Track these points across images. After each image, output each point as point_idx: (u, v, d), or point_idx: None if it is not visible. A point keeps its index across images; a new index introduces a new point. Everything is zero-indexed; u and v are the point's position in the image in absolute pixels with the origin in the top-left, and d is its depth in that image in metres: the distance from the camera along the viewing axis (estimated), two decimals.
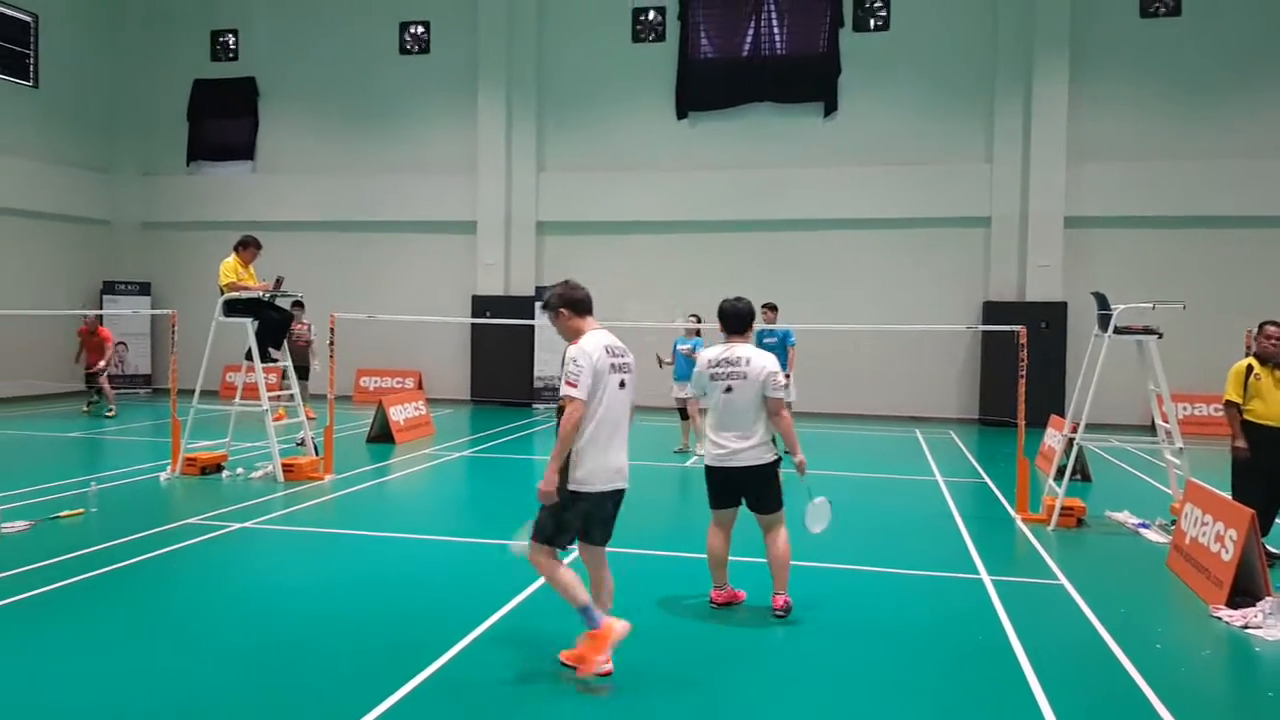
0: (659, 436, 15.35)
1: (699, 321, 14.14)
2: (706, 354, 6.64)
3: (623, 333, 6.33)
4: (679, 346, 14.14)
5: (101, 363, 18.24)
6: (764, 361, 6.50)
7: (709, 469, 6.61)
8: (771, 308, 14.54)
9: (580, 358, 5.37)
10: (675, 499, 11.61)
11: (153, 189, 24.00)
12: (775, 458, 6.53)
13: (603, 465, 5.43)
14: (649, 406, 16.91)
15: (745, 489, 6.54)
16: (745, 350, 6.54)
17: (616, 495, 5.57)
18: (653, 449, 14.38)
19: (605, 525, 5.59)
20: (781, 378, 6.61)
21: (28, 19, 21.70)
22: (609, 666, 5.30)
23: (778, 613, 6.54)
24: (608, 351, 5.51)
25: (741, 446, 6.40)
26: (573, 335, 5.64)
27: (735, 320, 6.71)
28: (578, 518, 5.45)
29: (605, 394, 5.43)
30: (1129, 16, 19.06)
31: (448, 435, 16.20)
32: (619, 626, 5.32)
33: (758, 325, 14.71)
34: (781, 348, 14.21)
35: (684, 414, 14.25)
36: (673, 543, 8.85)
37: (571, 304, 5.72)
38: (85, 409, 18.66)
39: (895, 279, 20.05)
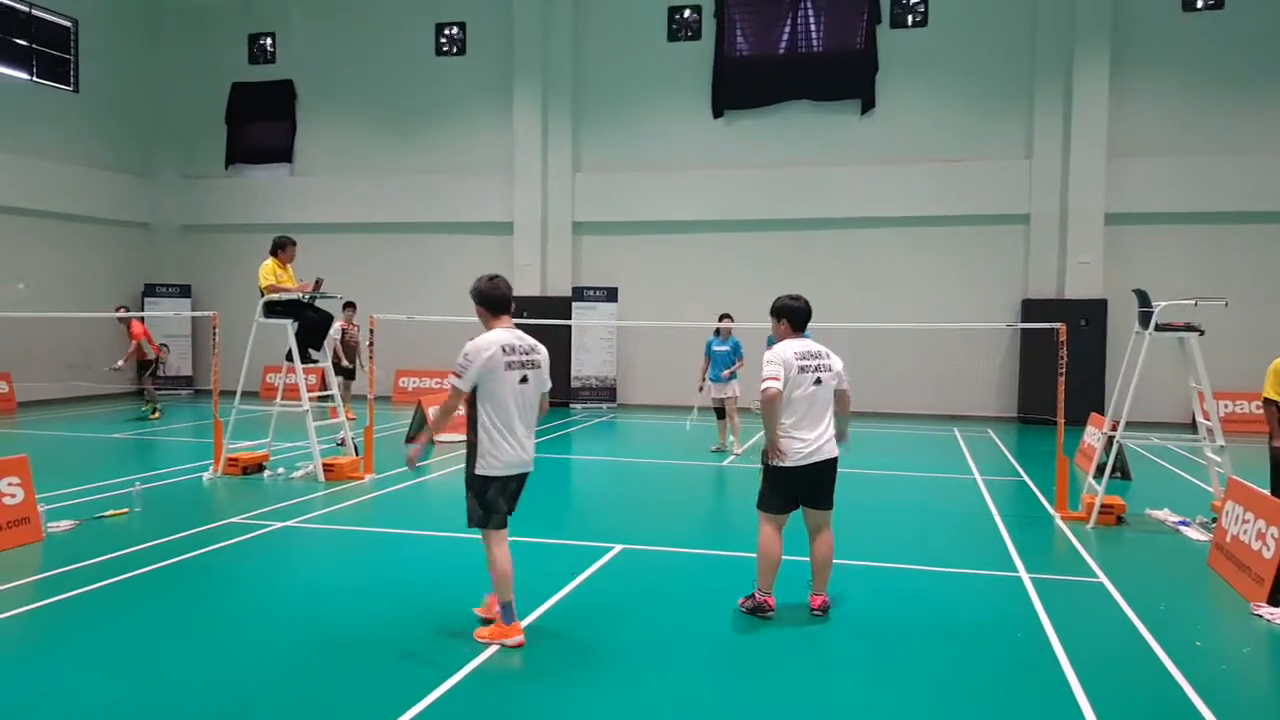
0: (699, 436, 15.37)
1: (732, 321, 14.14)
2: (791, 348, 6.54)
3: (660, 333, 6.39)
4: (715, 348, 14.13)
5: (121, 362, 18.28)
6: (837, 356, 6.77)
7: (791, 470, 6.39)
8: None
9: (471, 353, 5.90)
10: (713, 497, 11.64)
11: (192, 192, 24.32)
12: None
13: (503, 452, 5.89)
14: (675, 406, 17.00)
15: (822, 483, 6.54)
16: (819, 345, 6.72)
17: (520, 478, 6.09)
18: (691, 449, 14.42)
19: (510, 502, 6.09)
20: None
21: (67, 24, 22.07)
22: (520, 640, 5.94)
23: (816, 612, 6.56)
24: (504, 350, 5.92)
25: (825, 439, 6.48)
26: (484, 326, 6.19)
27: (805, 317, 6.86)
28: (497, 496, 5.94)
29: (497, 388, 5.87)
30: (1171, 9, 18.82)
31: None
32: (519, 636, 5.96)
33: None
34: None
35: (720, 413, 14.26)
36: (713, 541, 8.87)
37: (486, 302, 6.21)
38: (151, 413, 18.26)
39: (934, 277, 19.94)
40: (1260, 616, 6.60)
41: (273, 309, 11.87)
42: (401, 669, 5.63)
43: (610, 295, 21.13)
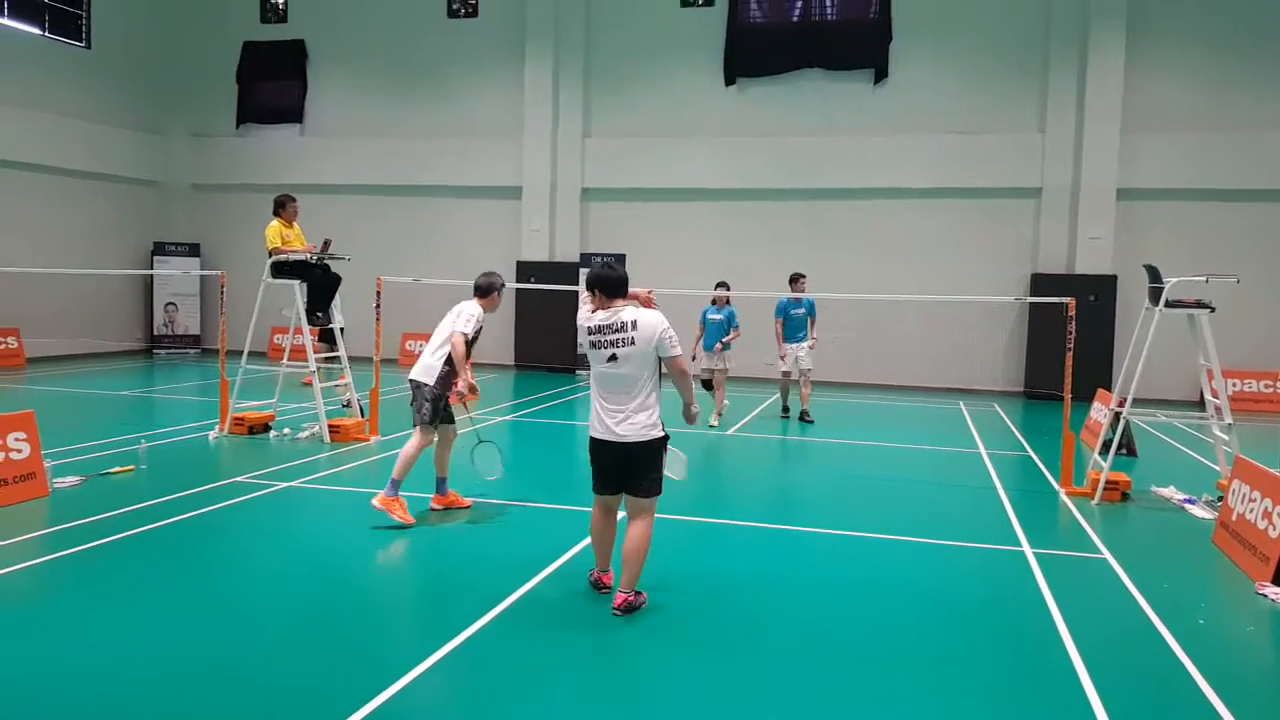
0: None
1: (727, 290, 14.10)
2: (585, 318, 6.02)
3: (665, 300, 6.35)
4: (709, 316, 14.10)
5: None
6: (655, 317, 5.97)
7: (592, 442, 6.06)
8: (802, 276, 14.52)
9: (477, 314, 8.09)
10: (704, 467, 11.66)
11: (202, 150, 24.25)
12: None
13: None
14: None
15: (621, 467, 5.99)
16: (631, 313, 5.97)
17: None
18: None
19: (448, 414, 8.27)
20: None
21: None
22: (410, 519, 7.80)
23: (616, 610, 5.92)
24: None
25: (625, 420, 5.91)
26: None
27: (609, 284, 6.04)
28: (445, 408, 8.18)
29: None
30: None
31: (491, 400, 16.31)
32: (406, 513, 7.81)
33: (785, 294, 14.72)
34: (805, 318, 14.66)
35: (709, 385, 14.16)
36: (702, 509, 8.90)
37: (479, 290, 8.31)
38: None
39: (943, 249, 19.83)
40: (1265, 595, 6.60)
41: (280, 269, 11.88)
42: (404, 628, 5.66)
43: (619, 261, 20.92)
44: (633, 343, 5.84)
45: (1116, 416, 10.24)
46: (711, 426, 13.73)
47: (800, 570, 6.94)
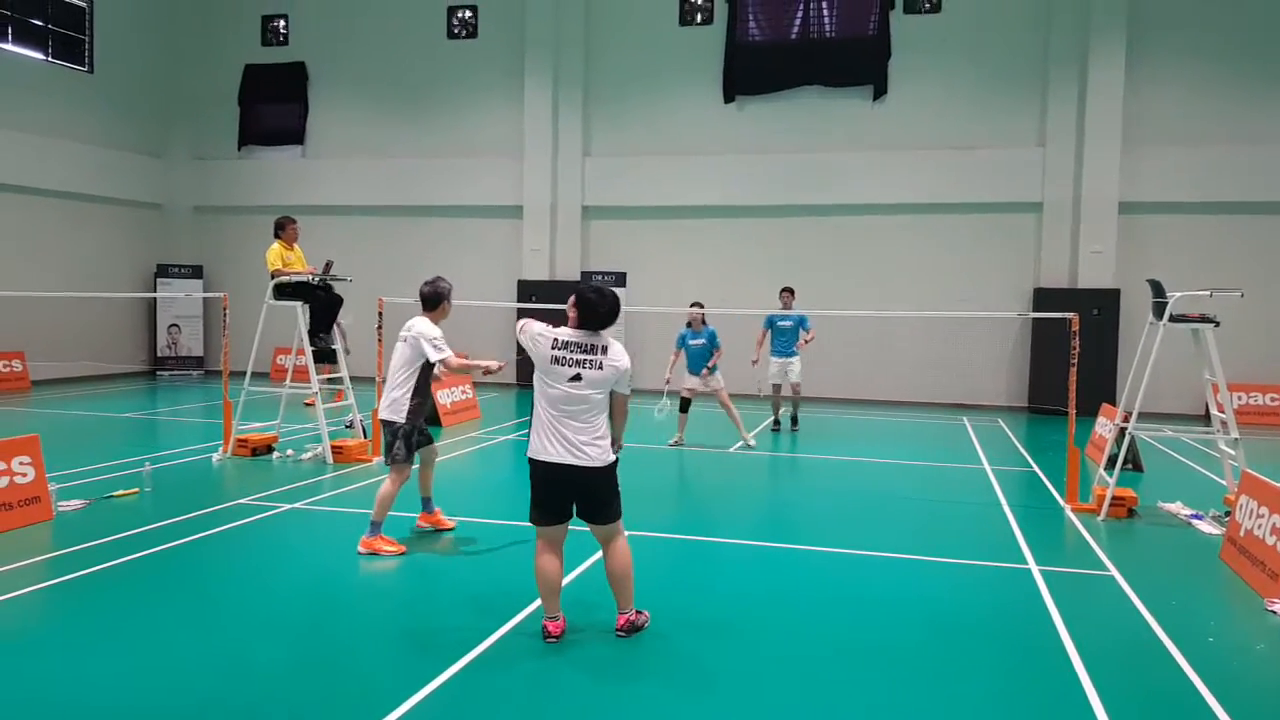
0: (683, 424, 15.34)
1: (702, 309, 13.69)
2: (552, 331, 5.78)
3: (665, 318, 6.34)
4: (689, 341, 13.71)
5: None
6: (622, 354, 5.82)
7: (535, 466, 5.84)
8: (789, 291, 14.51)
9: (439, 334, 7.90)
10: (697, 484, 11.61)
11: (204, 173, 24.32)
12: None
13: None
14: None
15: (577, 494, 5.83)
16: (605, 339, 5.81)
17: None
18: (675, 432, 14.39)
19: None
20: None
21: (82, 4, 22.03)
22: (401, 548, 7.75)
23: (619, 632, 5.91)
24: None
25: (581, 443, 5.71)
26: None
27: (595, 314, 5.75)
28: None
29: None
30: None
31: (493, 419, 16.31)
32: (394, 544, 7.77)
33: (776, 309, 14.71)
34: (796, 332, 14.63)
35: (685, 406, 13.93)
36: (701, 527, 8.86)
37: (426, 302, 8.19)
38: None
39: (945, 265, 19.83)
40: (1274, 612, 6.56)
41: (283, 291, 11.89)
42: (409, 651, 5.63)
43: (619, 280, 21.09)
44: (600, 368, 5.65)
45: (1122, 431, 10.21)
46: (750, 447, 13.61)
47: (803, 588, 6.91)
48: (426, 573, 7.37)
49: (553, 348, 5.70)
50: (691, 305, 13.87)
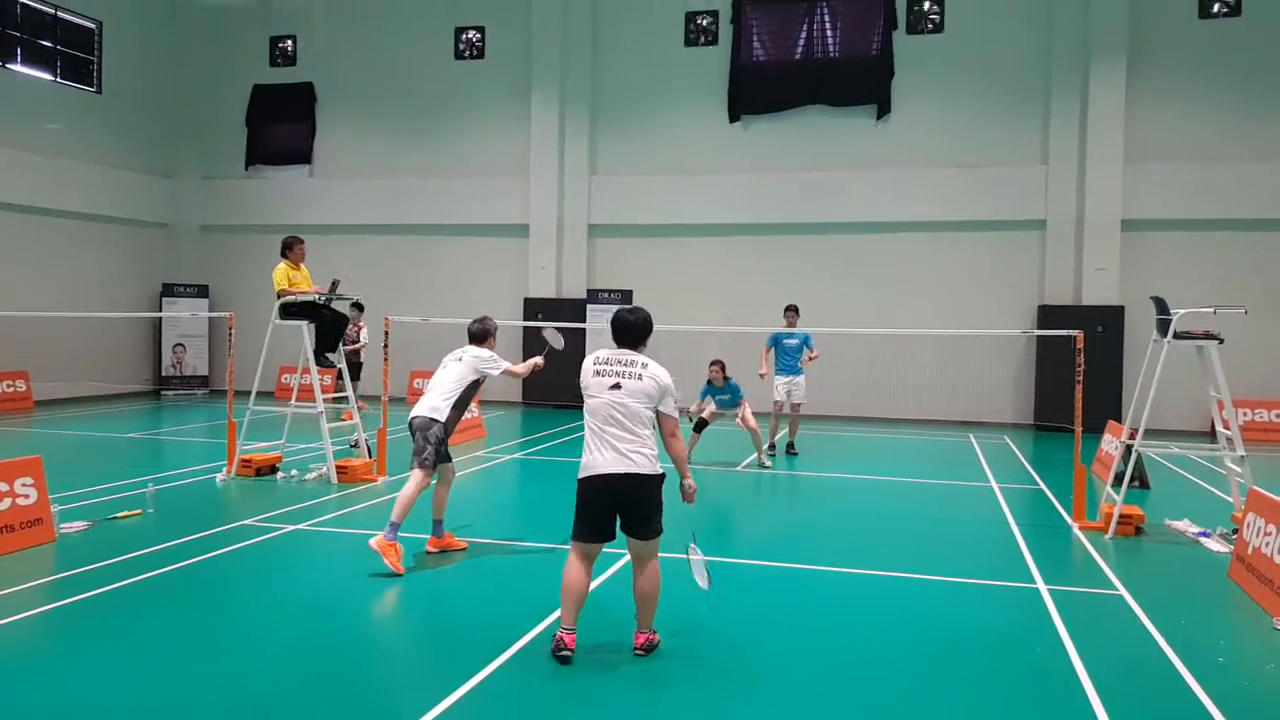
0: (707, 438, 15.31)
1: (724, 369, 13.54)
2: (592, 357, 6.05)
3: (673, 336, 6.34)
4: (717, 397, 13.62)
5: None
6: (664, 372, 6.02)
7: (584, 483, 5.89)
8: (794, 310, 14.50)
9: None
10: (710, 502, 11.58)
11: (212, 193, 24.42)
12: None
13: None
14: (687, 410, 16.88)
15: (624, 504, 5.85)
16: (642, 357, 6.05)
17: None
18: (699, 452, 14.37)
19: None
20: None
21: (92, 25, 22.19)
22: (401, 569, 7.61)
23: (638, 650, 5.92)
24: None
25: (628, 453, 5.78)
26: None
27: (627, 332, 6.12)
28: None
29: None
30: (1187, 17, 18.68)
31: (499, 438, 16.29)
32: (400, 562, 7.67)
33: (781, 327, 14.70)
34: (800, 350, 14.50)
35: (699, 427, 13.84)
36: (710, 547, 8.83)
37: (475, 338, 8.60)
38: None
39: (949, 282, 19.84)
40: None
41: (289, 310, 11.90)
42: (414, 673, 5.60)
43: (625, 297, 21.12)
44: (639, 378, 5.82)
45: (1128, 449, 10.17)
46: (765, 467, 13.59)
47: (810, 608, 6.87)
48: (435, 593, 7.34)
49: (594, 363, 5.97)
50: (712, 365, 13.49)
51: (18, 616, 6.46)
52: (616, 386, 5.80)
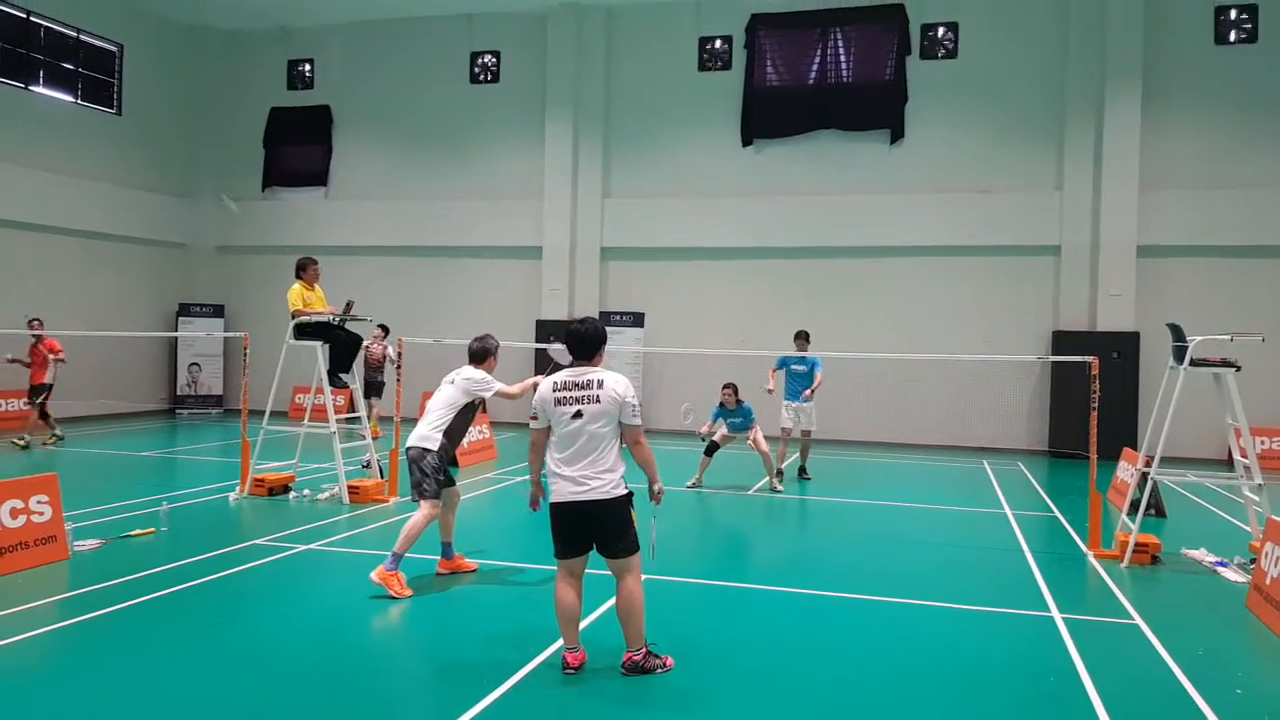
0: (718, 462, 15.26)
1: (736, 391, 13.51)
2: (550, 380, 6.04)
3: (684, 359, 6.35)
4: (729, 420, 13.65)
5: (46, 378, 16.71)
6: (623, 381, 6.00)
7: (557, 508, 5.93)
8: (804, 336, 14.46)
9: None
10: (724, 526, 11.54)
11: (229, 213, 24.56)
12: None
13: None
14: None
15: (596, 526, 5.86)
16: (597, 373, 6.00)
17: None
18: (708, 475, 14.33)
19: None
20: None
21: (113, 49, 22.44)
22: (408, 592, 7.61)
23: (624, 670, 5.91)
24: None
25: (594, 478, 5.82)
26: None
27: (582, 342, 6.13)
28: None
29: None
30: (1203, 43, 18.68)
31: (510, 459, 16.28)
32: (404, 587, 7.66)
33: (790, 352, 14.66)
34: (810, 376, 14.37)
35: (710, 450, 13.85)
36: (719, 572, 8.79)
37: (475, 356, 8.50)
38: (19, 443, 16.20)
39: (964, 307, 19.80)
40: None
41: (303, 331, 11.94)
42: (422, 694, 5.58)
43: (637, 320, 21.15)
44: (598, 400, 5.84)
45: (1144, 476, 10.10)
46: (776, 491, 13.53)
47: (821, 635, 6.82)
48: (445, 613, 7.33)
49: (553, 390, 5.93)
50: (725, 387, 13.51)
51: (31, 633, 6.47)
52: (579, 415, 5.82)
